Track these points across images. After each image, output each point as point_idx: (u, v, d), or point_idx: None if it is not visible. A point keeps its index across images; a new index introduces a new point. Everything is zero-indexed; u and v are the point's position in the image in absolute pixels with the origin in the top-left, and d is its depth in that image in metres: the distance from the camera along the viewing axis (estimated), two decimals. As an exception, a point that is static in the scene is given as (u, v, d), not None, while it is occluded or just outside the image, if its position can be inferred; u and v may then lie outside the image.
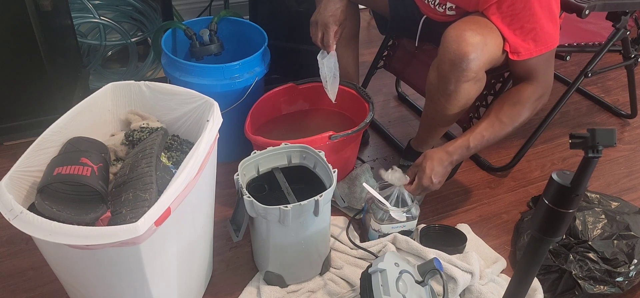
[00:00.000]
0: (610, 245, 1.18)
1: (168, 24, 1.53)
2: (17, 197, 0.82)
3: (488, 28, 1.08)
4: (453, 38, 1.07)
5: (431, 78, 1.19)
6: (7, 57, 1.41)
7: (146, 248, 0.78)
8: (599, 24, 1.58)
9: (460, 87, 1.12)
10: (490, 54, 1.08)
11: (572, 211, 0.68)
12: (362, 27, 2.31)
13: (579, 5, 1.27)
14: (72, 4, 1.74)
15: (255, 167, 1.15)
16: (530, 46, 1.09)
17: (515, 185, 1.54)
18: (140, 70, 1.94)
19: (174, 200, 0.79)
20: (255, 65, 1.40)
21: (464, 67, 1.07)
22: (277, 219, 1.00)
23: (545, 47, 1.09)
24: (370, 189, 1.21)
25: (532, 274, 0.78)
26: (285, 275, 1.14)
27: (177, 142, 1.06)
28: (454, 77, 1.10)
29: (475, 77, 1.11)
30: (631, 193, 1.53)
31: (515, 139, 1.70)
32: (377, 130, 1.74)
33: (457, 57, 1.06)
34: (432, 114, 1.26)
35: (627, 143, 1.77)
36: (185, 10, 2.16)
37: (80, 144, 0.95)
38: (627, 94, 1.87)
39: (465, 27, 1.07)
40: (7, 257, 1.21)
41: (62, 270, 0.89)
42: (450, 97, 1.15)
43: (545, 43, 1.08)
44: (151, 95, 1.06)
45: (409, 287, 0.98)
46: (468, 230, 1.34)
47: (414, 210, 1.24)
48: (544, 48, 1.09)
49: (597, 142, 0.61)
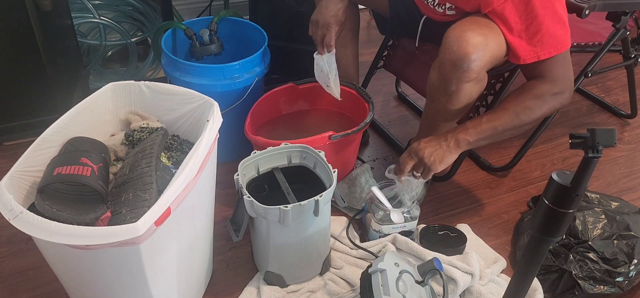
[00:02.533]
0: (610, 245, 1.18)
1: (168, 24, 1.53)
2: (17, 197, 0.82)
3: (489, 28, 1.07)
4: (454, 38, 1.07)
5: (432, 78, 1.19)
6: (7, 57, 1.41)
7: (146, 248, 0.78)
8: (599, 24, 1.58)
9: (462, 88, 1.12)
10: (491, 54, 1.07)
11: (572, 211, 0.68)
12: (362, 27, 2.32)
13: (579, 5, 1.27)
14: (72, 4, 1.74)
15: (255, 167, 1.15)
16: (537, 50, 1.07)
17: (515, 185, 1.54)
18: (140, 70, 1.94)
19: (174, 200, 0.79)
20: (255, 65, 1.40)
21: (465, 67, 1.07)
22: (277, 219, 1.00)
23: (555, 49, 1.07)
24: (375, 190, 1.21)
25: (532, 274, 0.78)
26: (285, 275, 1.14)
27: (177, 142, 1.06)
28: (455, 78, 1.10)
29: (476, 78, 1.11)
30: (631, 193, 1.53)
31: (515, 139, 1.70)
32: (377, 130, 1.74)
33: (458, 58, 1.06)
34: (433, 114, 1.26)
35: (627, 143, 1.77)
36: (185, 10, 2.16)
37: (80, 144, 0.95)
38: (627, 94, 1.87)
39: (466, 28, 1.07)
40: (7, 257, 1.21)
41: (62, 270, 0.89)
42: (451, 97, 1.15)
43: (554, 46, 1.06)
44: (151, 95, 1.06)
45: (409, 287, 0.98)
46: (468, 230, 1.34)
47: (414, 211, 1.24)
48: (553, 51, 1.07)
49: (597, 142, 0.61)
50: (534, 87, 1.12)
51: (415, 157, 1.18)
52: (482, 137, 1.14)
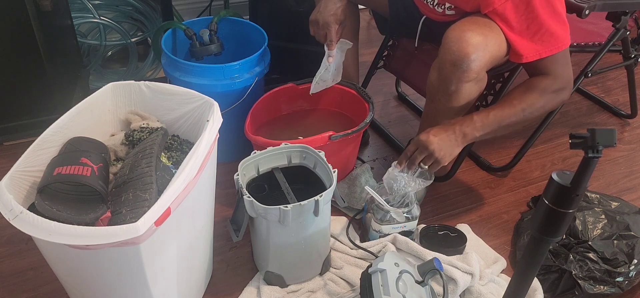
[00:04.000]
0: (610, 245, 1.18)
1: (168, 24, 1.53)
2: (17, 197, 0.82)
3: (489, 28, 1.08)
4: (454, 39, 1.07)
5: (432, 78, 1.19)
6: (7, 57, 1.41)
7: (146, 248, 0.78)
8: (599, 24, 1.58)
9: (462, 88, 1.12)
10: (491, 54, 1.08)
11: (572, 211, 0.68)
12: (362, 27, 2.32)
13: (579, 5, 1.27)
14: (72, 4, 1.74)
15: (255, 167, 1.15)
16: (538, 47, 1.08)
17: (515, 185, 1.54)
18: (140, 70, 1.94)
19: (174, 200, 0.79)
20: (255, 65, 1.40)
21: (465, 68, 1.07)
22: (277, 219, 1.00)
23: (556, 47, 1.08)
24: (369, 189, 1.21)
25: (532, 274, 0.78)
26: (285, 275, 1.14)
27: (177, 142, 1.06)
28: (455, 78, 1.10)
29: (476, 78, 1.11)
30: (631, 193, 1.53)
31: (515, 139, 1.70)
32: (377, 130, 1.74)
33: (458, 58, 1.06)
34: (433, 114, 1.26)
35: (627, 143, 1.77)
36: (185, 10, 2.16)
37: (80, 144, 0.95)
38: (627, 94, 1.87)
39: (466, 28, 1.07)
40: (7, 257, 1.21)
41: (62, 270, 0.89)
42: (451, 98, 1.15)
43: (554, 44, 1.08)
44: (151, 95, 1.06)
45: (409, 287, 0.98)
46: (468, 230, 1.34)
47: (414, 211, 1.24)
48: (554, 48, 1.08)
49: (597, 142, 0.61)
50: (538, 83, 1.13)
51: (424, 150, 1.16)
52: (488, 131, 1.15)
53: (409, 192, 1.21)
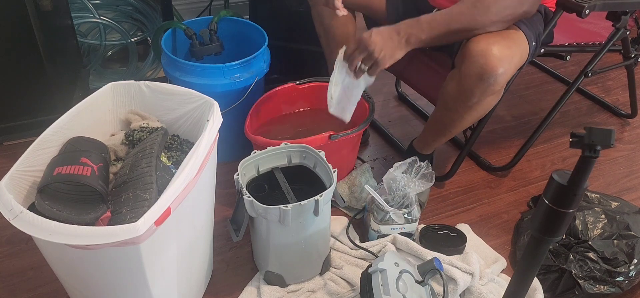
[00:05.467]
0: (610, 245, 1.18)
1: (168, 24, 1.54)
2: (17, 197, 0.82)
3: (512, 39, 1.08)
4: (480, 52, 1.05)
5: (450, 89, 1.17)
6: (7, 57, 1.41)
7: (146, 248, 0.78)
8: (599, 24, 1.58)
9: (484, 100, 1.13)
10: (515, 66, 1.09)
11: (572, 211, 0.68)
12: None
13: (579, 5, 1.26)
14: (72, 4, 1.74)
15: (255, 167, 1.15)
16: None
17: (515, 185, 1.54)
18: (140, 70, 1.94)
19: (174, 200, 0.79)
20: (255, 65, 1.40)
21: (492, 81, 1.07)
22: (277, 219, 1.00)
23: None
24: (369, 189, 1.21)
25: (532, 274, 0.78)
26: (285, 275, 1.14)
27: (177, 142, 1.06)
28: (479, 91, 1.10)
29: (500, 90, 1.12)
30: (631, 193, 1.53)
31: (515, 139, 1.71)
32: (377, 130, 1.74)
33: (485, 72, 1.06)
34: (446, 122, 1.25)
35: (627, 143, 1.77)
36: (185, 10, 2.16)
37: (80, 144, 0.95)
38: (627, 93, 1.87)
39: (491, 40, 1.06)
40: (7, 257, 1.21)
41: (62, 270, 0.89)
42: (471, 109, 1.15)
43: None
44: (151, 95, 1.06)
45: (409, 287, 0.98)
46: (468, 230, 1.34)
47: (414, 213, 1.24)
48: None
49: (593, 141, 0.61)
50: None
51: (364, 50, 1.07)
52: (434, 34, 1.07)
53: (408, 193, 1.21)
